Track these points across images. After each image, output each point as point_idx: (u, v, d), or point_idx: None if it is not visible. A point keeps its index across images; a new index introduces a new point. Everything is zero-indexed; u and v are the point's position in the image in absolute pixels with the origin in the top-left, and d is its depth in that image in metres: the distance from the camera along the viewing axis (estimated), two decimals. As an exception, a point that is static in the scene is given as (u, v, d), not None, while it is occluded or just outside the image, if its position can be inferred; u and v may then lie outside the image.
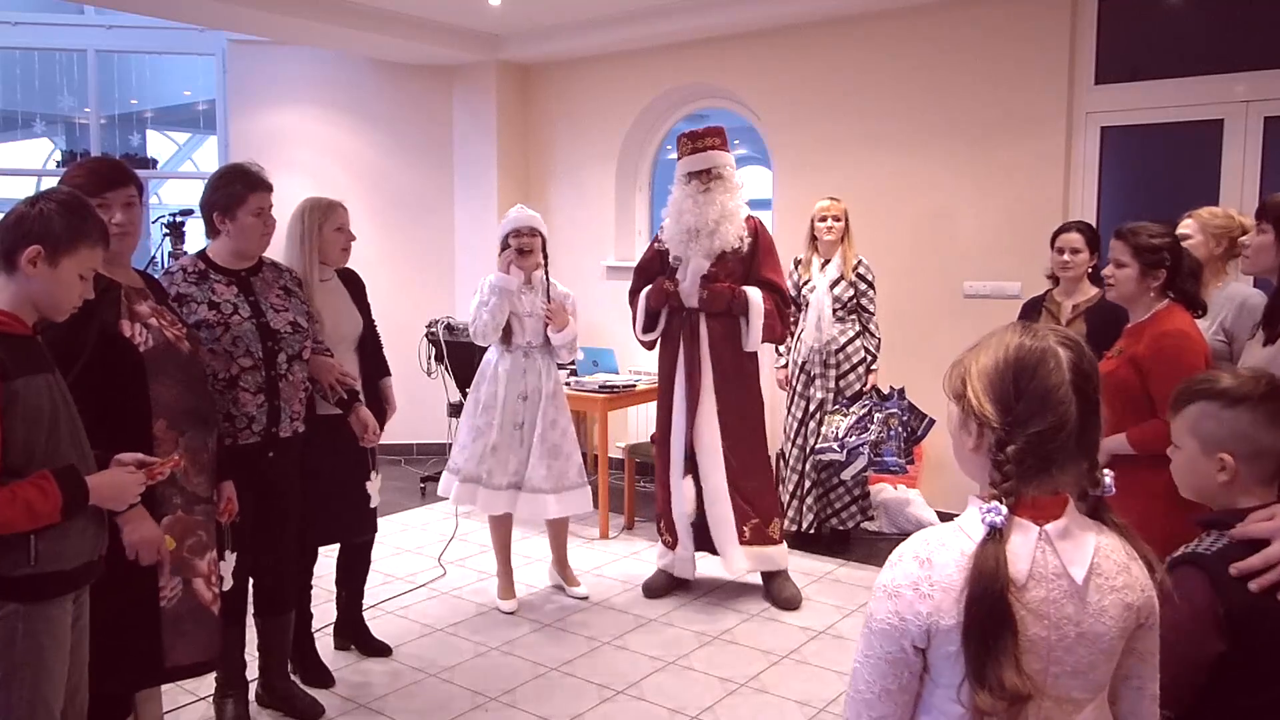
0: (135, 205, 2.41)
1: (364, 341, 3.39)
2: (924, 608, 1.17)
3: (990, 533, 1.17)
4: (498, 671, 3.47)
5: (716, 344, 3.98)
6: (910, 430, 4.34)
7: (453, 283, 6.84)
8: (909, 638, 1.19)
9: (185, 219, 6.21)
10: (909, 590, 1.19)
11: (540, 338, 3.98)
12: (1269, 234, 2.34)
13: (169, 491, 2.36)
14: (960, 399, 1.24)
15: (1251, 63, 4.37)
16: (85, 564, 1.93)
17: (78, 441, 1.91)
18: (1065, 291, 3.77)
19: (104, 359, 2.24)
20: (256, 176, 2.83)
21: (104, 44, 6.97)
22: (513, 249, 3.93)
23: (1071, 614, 1.19)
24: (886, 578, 1.21)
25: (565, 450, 3.99)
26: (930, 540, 1.22)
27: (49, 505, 1.77)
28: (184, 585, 2.39)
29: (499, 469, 3.92)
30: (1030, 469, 1.19)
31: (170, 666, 2.40)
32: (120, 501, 1.98)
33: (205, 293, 2.76)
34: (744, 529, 4.00)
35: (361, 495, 3.34)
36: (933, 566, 1.18)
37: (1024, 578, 1.17)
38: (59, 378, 1.91)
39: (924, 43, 5.09)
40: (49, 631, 1.85)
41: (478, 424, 3.97)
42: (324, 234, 3.22)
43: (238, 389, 2.75)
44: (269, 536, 2.92)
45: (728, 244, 3.91)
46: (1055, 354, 1.21)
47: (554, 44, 6.20)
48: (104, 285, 2.28)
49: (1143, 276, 2.63)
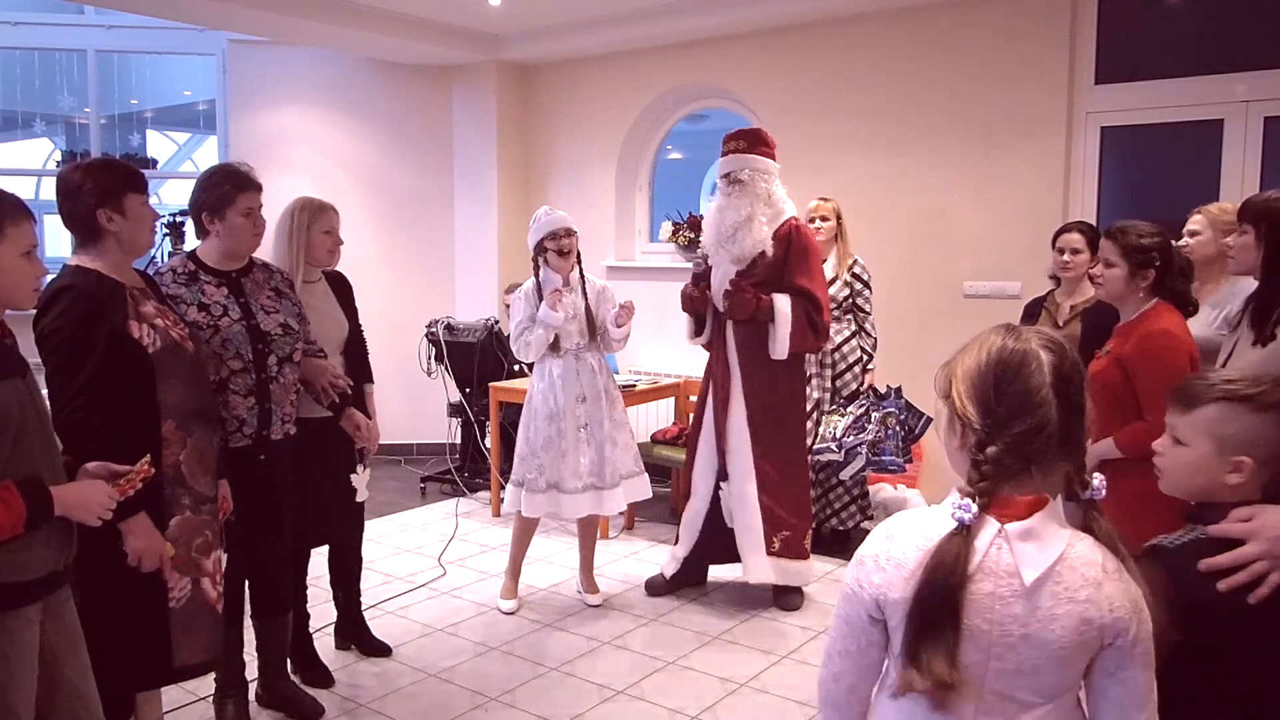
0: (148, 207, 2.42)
1: (349, 346, 3.34)
2: (877, 578, 1.26)
3: (958, 528, 1.21)
4: (498, 671, 3.47)
5: (744, 350, 3.94)
6: (908, 429, 4.33)
7: (453, 283, 6.84)
8: (863, 605, 1.28)
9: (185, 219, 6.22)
10: (870, 561, 1.28)
11: (585, 338, 3.94)
12: (1249, 234, 2.36)
13: (178, 491, 2.37)
14: (946, 399, 1.27)
15: (1251, 63, 4.37)
16: (47, 574, 1.88)
17: (48, 448, 1.88)
18: (1065, 292, 3.77)
19: (114, 360, 2.24)
20: (245, 176, 2.80)
21: (104, 44, 6.97)
22: (559, 291, 3.85)
23: (1019, 614, 1.20)
24: (862, 547, 1.31)
25: (623, 441, 4.01)
26: (903, 520, 1.30)
27: (11, 517, 1.72)
28: (192, 585, 2.41)
29: (570, 474, 3.88)
30: (1009, 469, 1.21)
31: (179, 666, 2.41)
32: (88, 514, 1.89)
33: (195, 294, 2.73)
34: (774, 539, 3.92)
35: (347, 495, 3.29)
36: (892, 542, 1.27)
37: (972, 569, 1.20)
38: (30, 382, 1.87)
39: (924, 43, 5.09)
40: (11, 642, 1.81)
41: (548, 433, 3.89)
42: (312, 235, 3.17)
43: (228, 391, 2.74)
44: (263, 538, 2.91)
45: (745, 252, 3.86)
46: (1037, 356, 1.22)
47: (554, 44, 6.20)
48: (111, 286, 2.29)
49: (1131, 276, 2.65)
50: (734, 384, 3.96)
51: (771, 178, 3.91)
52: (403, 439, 6.52)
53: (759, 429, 3.93)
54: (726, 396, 3.96)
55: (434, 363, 5.87)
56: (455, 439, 6.14)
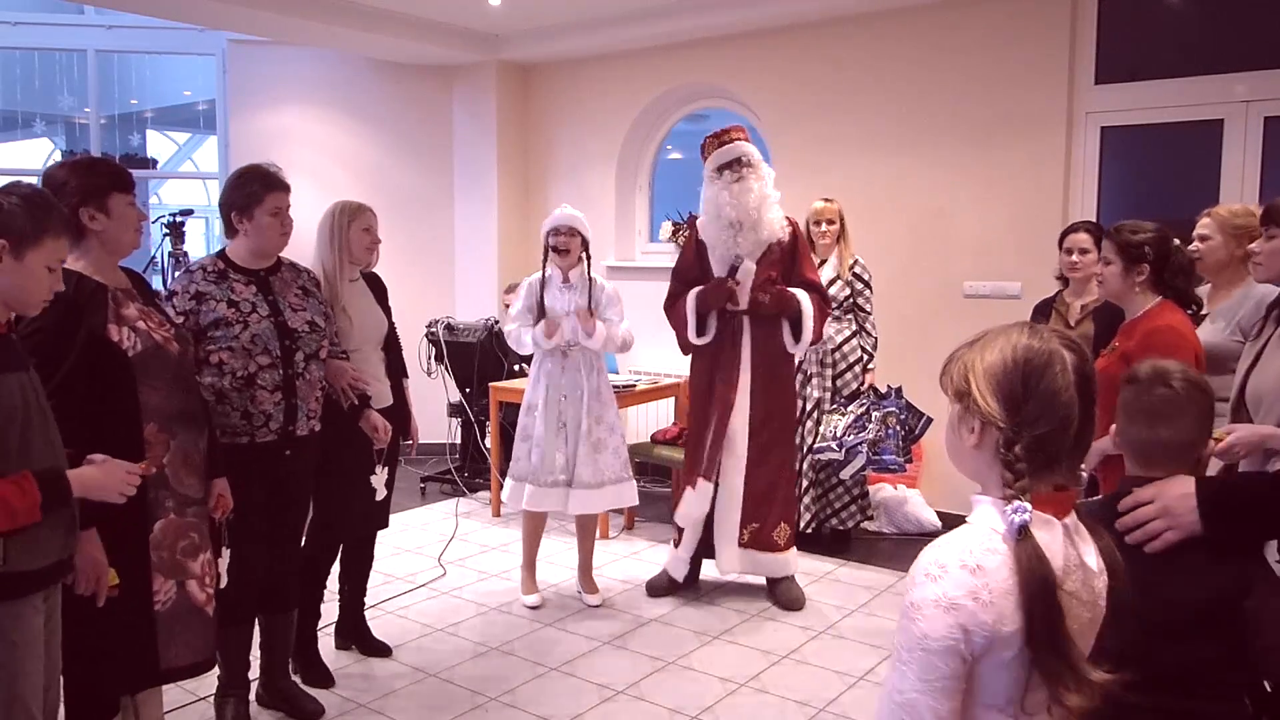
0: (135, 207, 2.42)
1: (389, 342, 3.46)
2: (988, 616, 1.13)
3: (1021, 532, 1.15)
4: (498, 671, 3.47)
5: (758, 348, 3.95)
6: (909, 429, 4.33)
7: (453, 283, 6.84)
8: (970, 649, 1.14)
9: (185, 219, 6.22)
10: (969, 601, 1.13)
11: (580, 335, 3.97)
12: (1278, 238, 2.33)
13: (161, 495, 2.35)
14: (963, 396, 1.23)
15: (1251, 63, 4.37)
16: (55, 563, 1.92)
17: (50, 441, 1.90)
18: (1074, 292, 3.75)
19: (90, 363, 2.21)
20: (274, 177, 2.85)
21: (104, 44, 6.97)
22: (554, 323, 3.92)
23: (1088, 600, 1.22)
24: (935, 592, 1.15)
25: (611, 445, 4.01)
26: (964, 547, 1.18)
27: (27, 502, 1.75)
28: (178, 588, 2.39)
29: (545, 467, 3.95)
30: (1037, 467, 1.20)
31: (166, 668, 2.40)
32: (110, 492, 1.94)
33: (224, 291, 2.77)
34: (744, 531, 3.99)
35: (368, 490, 3.36)
36: (986, 573, 1.14)
37: (1060, 572, 1.18)
38: (33, 376, 1.89)
39: (924, 43, 5.09)
40: (19, 630, 1.84)
41: (524, 423, 4.04)
42: (351, 234, 3.27)
43: (255, 387, 2.76)
44: (278, 534, 2.93)
45: (774, 234, 3.86)
46: (1061, 357, 1.21)
47: (554, 44, 6.20)
48: (91, 288, 2.26)
49: (1126, 272, 2.67)
50: (741, 381, 3.95)
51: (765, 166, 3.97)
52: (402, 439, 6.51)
53: (757, 426, 3.95)
54: (733, 395, 3.96)
55: (434, 363, 5.87)
56: (455, 439, 6.14)
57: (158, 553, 2.35)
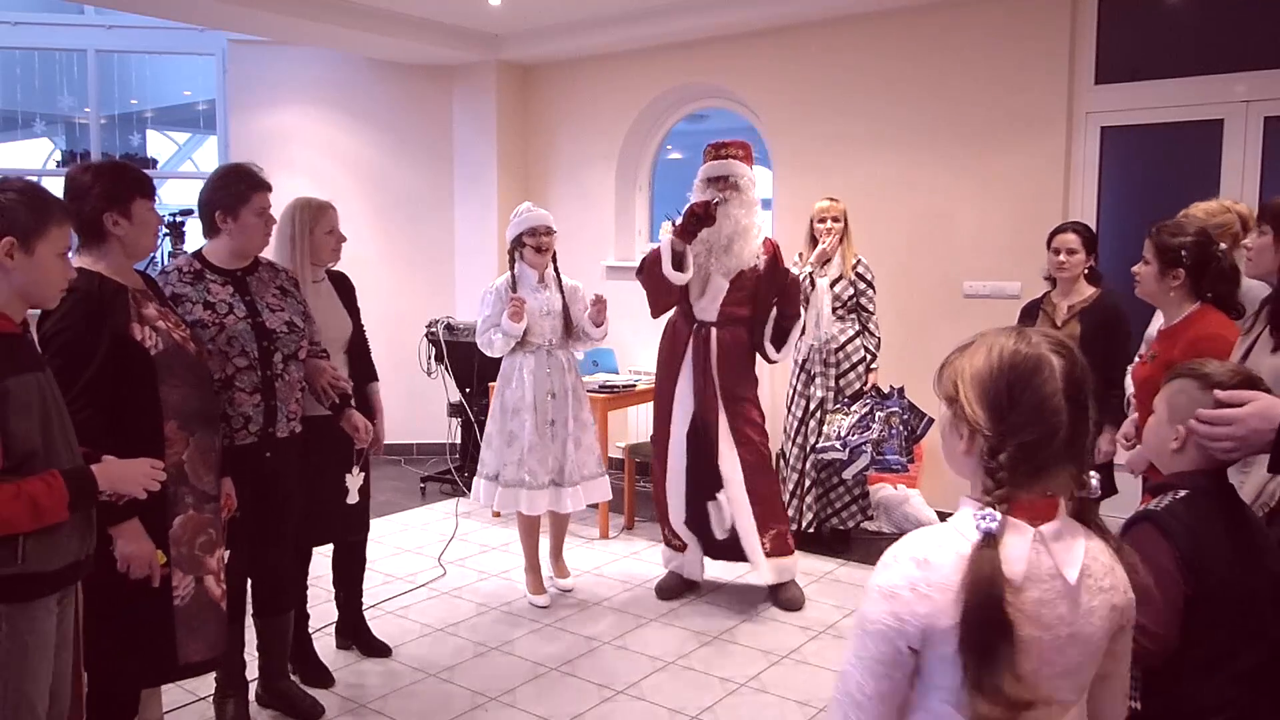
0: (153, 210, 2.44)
1: (353, 345, 3.36)
2: (922, 608, 1.16)
3: (985, 538, 1.16)
4: (498, 671, 3.47)
5: (725, 356, 3.95)
6: (911, 429, 4.35)
7: (453, 283, 6.84)
8: (905, 639, 1.17)
9: (185, 219, 6.22)
10: (906, 591, 1.17)
11: (558, 334, 4.00)
12: (1269, 235, 2.34)
13: (181, 490, 2.39)
14: (952, 402, 1.23)
15: (1251, 63, 4.37)
16: (71, 564, 1.92)
17: (68, 440, 1.91)
18: (1061, 293, 3.76)
19: (116, 362, 2.25)
20: (259, 177, 2.85)
21: (104, 44, 6.97)
22: (520, 300, 3.87)
23: (1064, 614, 1.19)
24: (882, 579, 1.20)
25: (586, 442, 4.06)
26: (926, 541, 1.20)
27: (54, 498, 1.77)
28: (196, 583, 2.42)
29: (539, 469, 3.94)
30: (1023, 475, 1.19)
31: (184, 663, 2.42)
32: (134, 486, 1.98)
33: (200, 292, 2.75)
34: (765, 541, 3.97)
35: (342, 492, 3.28)
36: (930, 567, 1.17)
37: (1020, 579, 1.16)
38: (49, 376, 1.90)
39: (924, 43, 5.09)
40: (33, 631, 1.84)
41: (510, 427, 3.98)
42: (315, 236, 3.20)
43: (234, 389, 2.75)
44: (267, 536, 2.92)
45: (740, 264, 3.88)
46: (1049, 363, 1.19)
47: (554, 44, 6.20)
48: (113, 289, 2.30)
49: (1161, 275, 2.63)
50: (715, 390, 3.93)
51: (754, 190, 3.97)
52: (403, 439, 6.52)
53: (739, 433, 3.95)
54: (711, 406, 3.93)
55: (434, 362, 5.87)
56: (455, 439, 6.14)
57: (177, 548, 2.38)
